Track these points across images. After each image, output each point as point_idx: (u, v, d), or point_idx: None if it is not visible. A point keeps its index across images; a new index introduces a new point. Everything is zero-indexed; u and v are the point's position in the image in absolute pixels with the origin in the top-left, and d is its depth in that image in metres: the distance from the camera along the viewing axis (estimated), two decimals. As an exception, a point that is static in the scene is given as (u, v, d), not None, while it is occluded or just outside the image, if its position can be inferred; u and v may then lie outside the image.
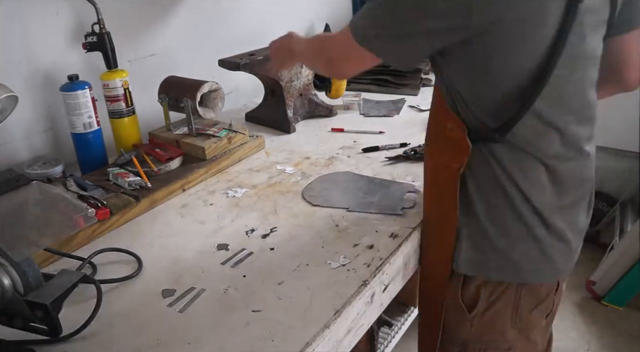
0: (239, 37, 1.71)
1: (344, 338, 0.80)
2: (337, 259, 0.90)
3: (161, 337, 0.75)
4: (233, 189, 1.18)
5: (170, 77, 1.37)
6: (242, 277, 0.87)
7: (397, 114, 1.58)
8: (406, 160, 1.26)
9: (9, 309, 0.72)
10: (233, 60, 1.40)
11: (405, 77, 1.79)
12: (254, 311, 0.79)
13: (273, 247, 0.95)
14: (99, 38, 1.19)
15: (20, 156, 1.21)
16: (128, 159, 1.20)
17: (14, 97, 0.98)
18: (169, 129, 1.34)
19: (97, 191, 1.09)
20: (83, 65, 1.28)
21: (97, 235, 1.00)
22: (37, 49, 1.20)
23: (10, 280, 0.70)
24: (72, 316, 0.78)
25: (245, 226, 1.03)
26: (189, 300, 0.82)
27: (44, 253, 0.91)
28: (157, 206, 1.11)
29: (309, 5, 2.06)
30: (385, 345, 1.61)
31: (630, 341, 1.93)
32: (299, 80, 1.54)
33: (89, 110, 1.17)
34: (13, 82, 1.05)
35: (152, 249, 0.97)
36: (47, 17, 1.21)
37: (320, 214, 1.05)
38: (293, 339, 0.73)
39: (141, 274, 0.90)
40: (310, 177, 1.21)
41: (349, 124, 1.52)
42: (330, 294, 0.82)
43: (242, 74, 1.50)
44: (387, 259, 0.90)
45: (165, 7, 1.49)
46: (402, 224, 1.00)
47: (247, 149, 1.33)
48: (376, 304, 0.89)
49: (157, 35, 1.47)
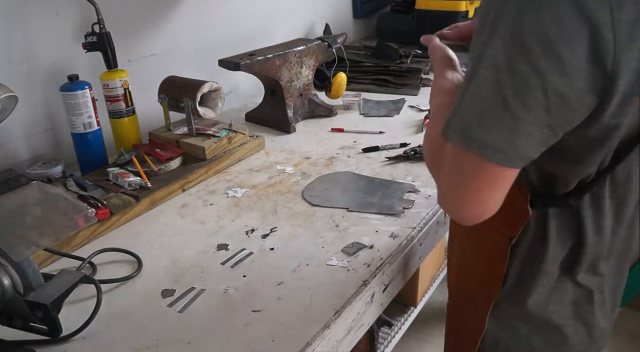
0: (239, 37, 1.71)
1: (344, 338, 0.80)
2: (337, 259, 0.90)
3: (161, 337, 0.75)
4: (233, 189, 1.18)
5: (170, 77, 1.37)
6: (242, 277, 0.87)
7: (397, 114, 1.58)
8: (406, 160, 1.26)
9: (9, 309, 0.72)
10: (233, 60, 1.39)
11: (405, 77, 1.79)
12: (254, 311, 0.79)
13: (273, 247, 0.95)
14: (99, 38, 1.19)
15: (20, 156, 1.21)
16: (128, 159, 1.20)
17: (14, 97, 0.98)
18: (169, 129, 1.33)
19: (97, 191, 1.09)
20: (83, 65, 1.28)
21: (97, 235, 1.00)
22: (37, 48, 1.20)
23: (10, 280, 0.70)
24: (72, 316, 0.78)
25: (245, 226, 1.03)
26: (189, 300, 0.82)
27: (44, 253, 0.91)
28: (157, 206, 1.11)
29: (310, 5, 2.06)
30: (385, 345, 1.61)
31: (630, 341, 1.93)
32: (299, 80, 1.54)
33: (89, 110, 1.17)
34: (13, 82, 1.05)
35: (152, 249, 0.97)
36: (47, 17, 1.21)
37: (320, 214, 1.05)
38: (293, 339, 0.73)
39: (141, 274, 0.90)
40: (310, 177, 1.21)
41: (349, 124, 1.52)
42: (330, 294, 0.82)
43: (242, 74, 1.50)
44: (387, 259, 0.90)
45: (165, 7, 1.49)
46: (402, 224, 1.00)
47: (247, 149, 1.33)
48: (376, 304, 0.89)
49: (157, 35, 1.47)
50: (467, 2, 2.00)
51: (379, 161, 1.27)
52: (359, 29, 2.40)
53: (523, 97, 0.53)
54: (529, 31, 0.51)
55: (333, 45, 1.60)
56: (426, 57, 1.88)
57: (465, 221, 0.63)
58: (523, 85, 0.53)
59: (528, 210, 0.69)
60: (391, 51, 1.87)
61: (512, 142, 0.55)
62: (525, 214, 0.69)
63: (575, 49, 0.50)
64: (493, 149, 0.56)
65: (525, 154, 0.57)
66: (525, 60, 0.52)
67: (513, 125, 0.54)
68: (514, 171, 0.59)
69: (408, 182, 1.16)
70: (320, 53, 1.58)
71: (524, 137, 0.55)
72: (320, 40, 1.59)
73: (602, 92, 0.53)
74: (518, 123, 0.54)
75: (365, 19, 2.41)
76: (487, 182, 0.59)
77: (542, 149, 0.57)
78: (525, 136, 0.55)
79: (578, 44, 0.50)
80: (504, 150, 0.55)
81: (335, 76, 1.62)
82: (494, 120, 0.55)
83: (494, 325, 0.79)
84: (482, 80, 0.55)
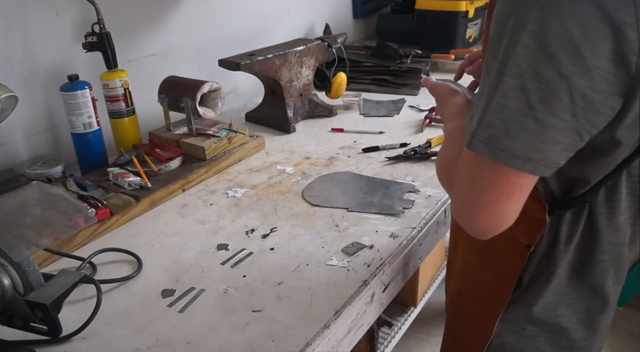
0: (239, 37, 1.71)
1: (344, 338, 0.80)
2: (337, 259, 0.90)
3: (161, 337, 0.75)
4: (233, 189, 1.18)
5: (170, 77, 1.37)
6: (242, 277, 0.87)
7: (397, 114, 1.58)
8: (406, 160, 1.26)
9: (9, 309, 0.72)
10: (233, 60, 1.39)
11: (405, 77, 1.79)
12: (254, 311, 0.79)
13: (273, 247, 0.95)
14: (99, 38, 1.19)
15: (20, 156, 1.21)
16: (128, 159, 1.20)
17: (14, 97, 0.98)
18: (169, 129, 1.33)
19: (97, 191, 1.09)
20: (83, 65, 1.28)
21: (97, 235, 1.00)
22: (37, 48, 1.20)
23: (10, 280, 0.70)
24: (72, 316, 0.78)
25: (245, 226, 1.03)
26: (189, 300, 0.82)
27: (44, 253, 0.91)
28: (157, 206, 1.11)
29: (310, 5, 2.06)
30: (385, 345, 1.61)
31: (630, 341, 1.93)
32: (299, 80, 1.54)
33: (89, 110, 1.17)
34: (13, 82, 1.05)
35: (152, 249, 0.97)
36: (47, 17, 1.21)
37: (320, 214, 1.05)
38: (293, 339, 0.73)
39: (141, 274, 0.90)
40: (310, 177, 1.21)
41: (349, 124, 1.52)
42: (330, 294, 0.82)
43: (242, 74, 1.50)
44: (387, 259, 0.90)
45: (165, 7, 1.49)
46: (402, 224, 1.00)
47: (247, 149, 1.33)
48: (376, 304, 0.89)
49: (157, 35, 1.47)
50: (467, 2, 2.00)
51: (379, 161, 1.27)
52: (359, 29, 2.40)
53: (549, 102, 0.53)
54: (552, 36, 0.51)
55: (333, 45, 1.60)
56: (426, 57, 1.90)
57: (481, 234, 0.62)
58: (549, 91, 0.52)
59: (546, 219, 0.69)
60: (391, 51, 1.87)
61: (539, 149, 0.55)
62: (543, 222, 0.69)
63: (598, 51, 0.50)
64: (522, 158, 0.55)
65: (552, 160, 0.56)
66: (550, 65, 0.51)
67: (539, 132, 0.54)
68: (534, 179, 0.58)
69: (408, 182, 1.16)
70: (320, 53, 1.58)
71: (550, 144, 0.55)
72: (320, 40, 1.59)
73: (627, 93, 0.53)
74: (545, 129, 0.54)
75: (365, 19, 2.41)
76: (506, 192, 0.58)
77: (568, 155, 0.57)
78: (551, 142, 0.54)
79: (601, 45, 0.50)
80: (532, 158, 0.55)
81: (335, 76, 1.62)
82: (521, 129, 0.54)
83: (501, 328, 0.79)
84: (507, 88, 0.54)
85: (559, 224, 0.70)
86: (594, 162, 0.64)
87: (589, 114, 0.54)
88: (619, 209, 0.68)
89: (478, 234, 0.63)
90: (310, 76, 1.58)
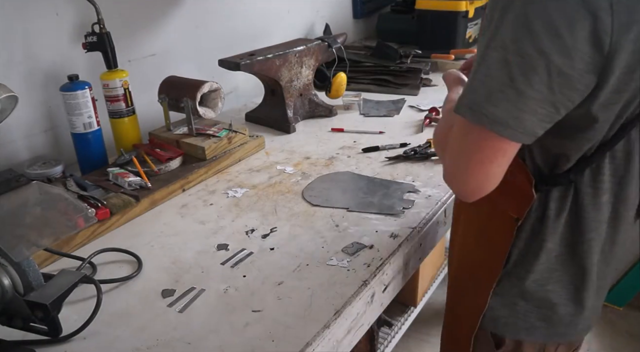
0: (239, 37, 1.71)
1: (344, 338, 0.80)
2: (337, 259, 0.90)
3: (161, 337, 0.75)
4: (233, 189, 1.18)
5: (170, 77, 1.37)
6: (242, 277, 0.87)
7: (397, 114, 1.58)
8: (406, 160, 1.26)
9: (9, 309, 0.72)
10: (233, 60, 1.39)
11: (405, 77, 1.79)
12: (254, 311, 0.79)
13: (273, 247, 0.95)
14: (99, 38, 1.19)
15: (20, 156, 1.21)
16: (128, 159, 1.20)
17: (14, 97, 0.98)
18: (169, 129, 1.33)
19: (97, 191, 1.09)
20: (83, 65, 1.28)
21: (97, 235, 1.00)
22: (37, 49, 1.20)
23: (10, 280, 0.70)
24: (72, 316, 0.78)
25: (245, 226, 1.03)
26: (189, 300, 0.82)
27: (44, 253, 0.91)
28: (157, 206, 1.11)
29: (310, 5, 2.06)
30: (385, 345, 1.61)
31: (630, 341, 1.93)
32: (299, 80, 1.54)
33: (89, 110, 1.17)
34: (13, 82, 1.05)
35: (152, 249, 0.97)
36: (47, 17, 1.21)
37: (320, 214, 1.05)
38: (293, 339, 0.73)
39: (141, 274, 0.90)
40: (310, 177, 1.21)
41: (349, 124, 1.52)
42: (330, 294, 0.82)
43: (242, 74, 1.50)
44: (387, 259, 0.90)
45: (165, 7, 1.49)
46: (402, 224, 1.00)
47: (247, 149, 1.33)
48: (376, 304, 0.89)
49: (157, 35, 1.47)
50: (467, 2, 2.00)
51: (379, 161, 1.27)
52: (359, 29, 2.40)
53: (528, 75, 0.58)
54: (535, 16, 0.56)
55: (333, 45, 1.60)
56: (426, 57, 1.90)
57: (467, 195, 0.68)
58: (529, 65, 0.58)
59: (533, 194, 0.73)
60: (391, 51, 1.87)
61: (518, 117, 0.60)
62: (531, 197, 0.73)
63: (577, 32, 0.55)
64: (502, 124, 0.60)
65: (530, 129, 0.61)
66: (531, 42, 0.57)
67: (519, 102, 0.59)
68: (516, 146, 0.63)
69: (408, 182, 1.16)
70: (320, 53, 1.58)
71: (529, 113, 0.60)
72: (320, 40, 1.59)
73: (600, 72, 0.58)
74: (523, 99, 0.59)
75: (365, 19, 2.41)
76: (489, 155, 0.63)
77: (546, 125, 0.62)
78: (529, 112, 0.60)
79: (579, 27, 0.55)
80: (511, 125, 0.60)
81: (335, 76, 1.62)
82: (502, 97, 0.60)
83: (495, 302, 0.82)
84: (491, 61, 0.60)
85: (547, 201, 0.74)
86: (574, 138, 0.68)
87: (565, 89, 0.59)
88: (602, 190, 0.72)
89: (465, 196, 0.69)
90: (310, 76, 1.58)
